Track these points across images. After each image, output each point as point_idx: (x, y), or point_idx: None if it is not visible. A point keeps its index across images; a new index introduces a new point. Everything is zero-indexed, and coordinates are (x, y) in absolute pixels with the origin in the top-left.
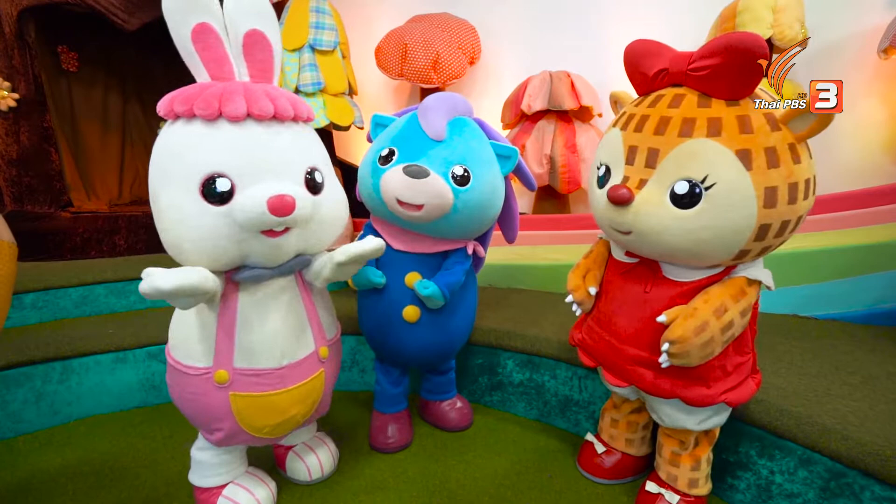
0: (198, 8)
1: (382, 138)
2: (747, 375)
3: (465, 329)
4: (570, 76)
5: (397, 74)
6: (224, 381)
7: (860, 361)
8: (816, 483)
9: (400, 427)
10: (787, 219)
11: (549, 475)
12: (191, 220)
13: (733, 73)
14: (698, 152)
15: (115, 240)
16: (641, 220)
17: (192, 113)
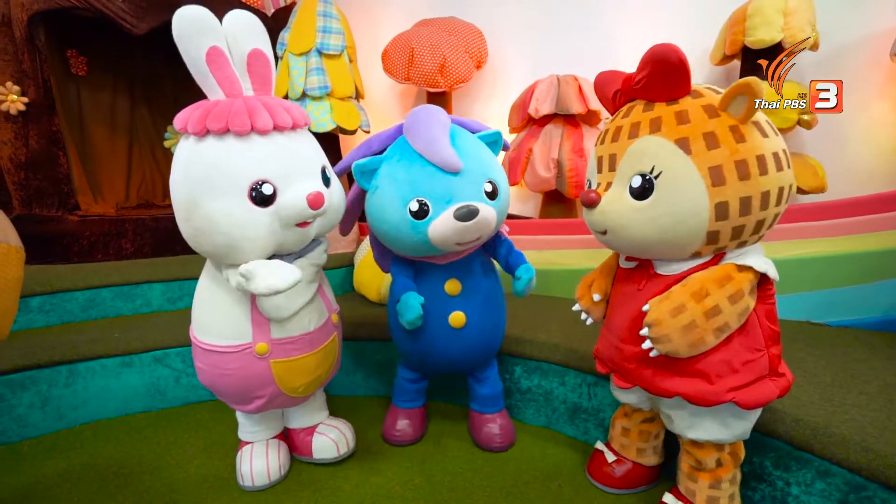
0: (208, 32)
1: (394, 188)
2: (763, 375)
3: (502, 322)
4: (577, 80)
5: (404, 78)
6: (264, 352)
7: (877, 370)
8: (835, 496)
9: (411, 423)
10: (746, 194)
11: (557, 484)
12: (244, 223)
13: (660, 78)
14: (645, 148)
15: (122, 243)
16: (609, 218)
17: (226, 129)
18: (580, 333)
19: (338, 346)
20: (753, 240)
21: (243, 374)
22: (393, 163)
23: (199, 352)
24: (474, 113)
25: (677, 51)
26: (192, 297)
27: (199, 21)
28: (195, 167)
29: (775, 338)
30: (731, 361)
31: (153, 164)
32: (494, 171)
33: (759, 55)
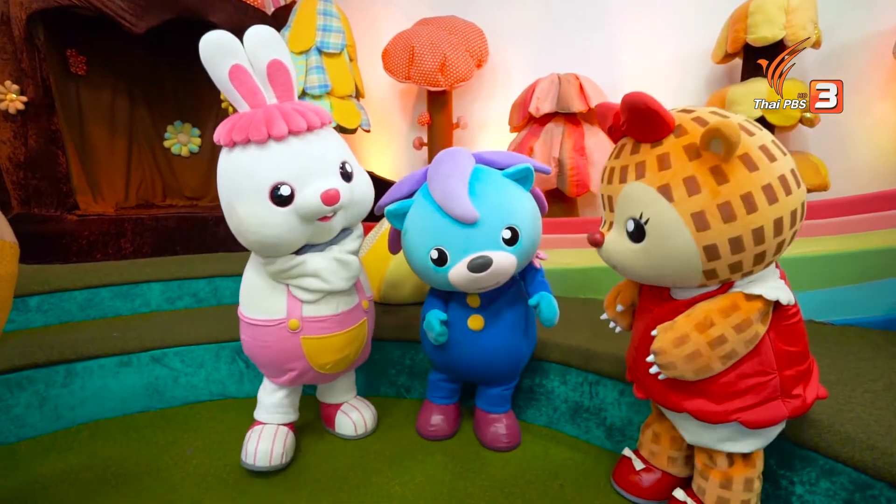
0: (229, 52)
1: (417, 235)
2: (773, 397)
3: (528, 339)
4: (578, 78)
5: (404, 77)
6: (296, 327)
7: (881, 369)
8: (840, 495)
9: (446, 418)
10: (734, 235)
11: (559, 484)
12: (268, 222)
13: (637, 124)
14: (632, 194)
15: (121, 243)
16: (612, 257)
17: (248, 139)
18: (581, 332)
19: (367, 331)
20: (759, 268)
21: (278, 346)
22: (417, 210)
23: (244, 325)
24: (475, 112)
25: (647, 99)
26: (191, 297)
27: (220, 44)
28: (227, 175)
29: (791, 359)
30: (736, 384)
31: (153, 164)
32: (515, 215)
33: (761, 53)
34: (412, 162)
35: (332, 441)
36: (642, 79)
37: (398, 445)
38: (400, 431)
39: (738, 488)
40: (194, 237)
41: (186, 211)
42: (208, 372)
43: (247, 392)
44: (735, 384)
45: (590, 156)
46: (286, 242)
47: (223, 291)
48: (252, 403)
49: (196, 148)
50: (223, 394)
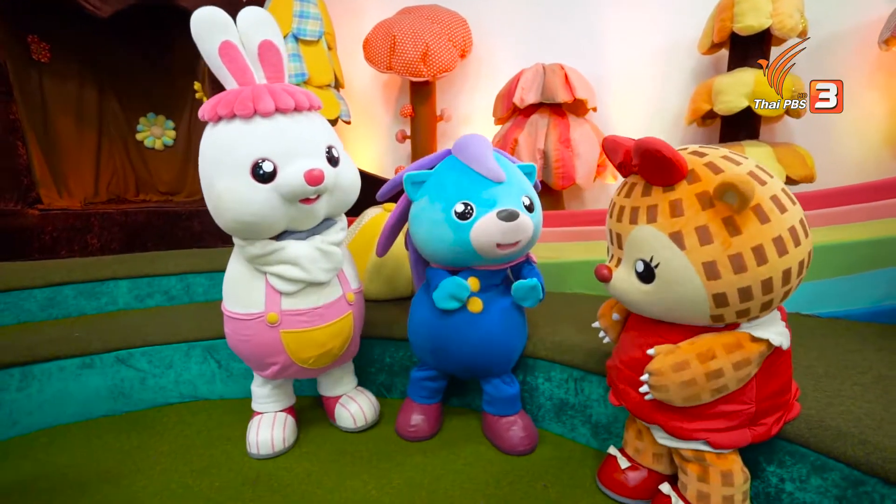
0: (220, 28)
1: (442, 195)
2: (743, 425)
3: (522, 330)
4: (563, 69)
5: (386, 67)
6: (275, 321)
7: (870, 361)
8: (832, 492)
9: (427, 418)
10: (744, 285)
11: (543, 484)
12: (247, 198)
13: (651, 169)
14: (643, 237)
15: (88, 239)
16: (619, 294)
17: (233, 114)
18: (565, 327)
19: (353, 325)
20: (765, 314)
21: (258, 340)
22: (442, 174)
23: (226, 319)
24: (459, 104)
25: (661, 146)
26: (161, 295)
27: (211, 20)
28: (209, 150)
29: (770, 393)
30: (713, 408)
31: (125, 157)
32: (530, 191)
33: (748, 42)
34: (395, 155)
35: (306, 444)
36: (628, 70)
37: (376, 447)
38: (378, 432)
39: (716, 482)
40: (166, 233)
41: (158, 205)
42: (178, 373)
43: (219, 393)
44: (711, 408)
45: (575, 148)
46: (265, 222)
47: (196, 289)
48: (224, 405)
49: (170, 141)
50: (194, 395)
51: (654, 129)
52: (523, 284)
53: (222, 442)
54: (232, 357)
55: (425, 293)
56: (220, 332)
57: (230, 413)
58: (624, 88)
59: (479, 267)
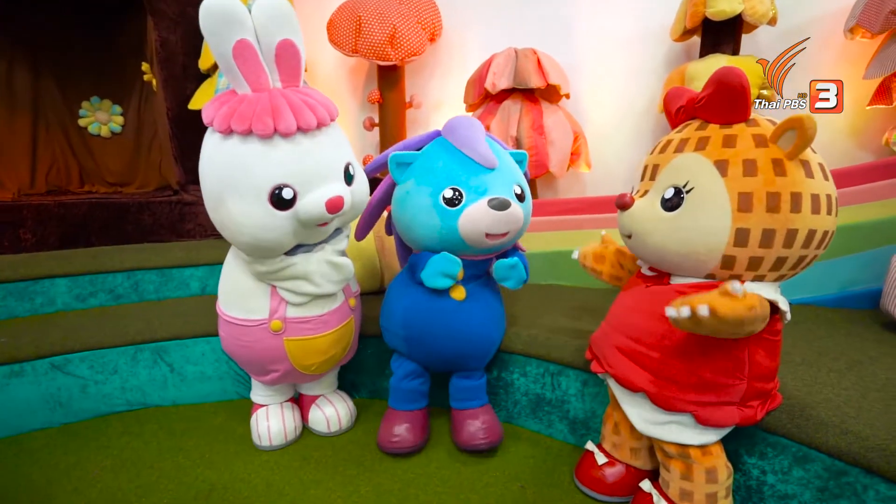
0: (235, 25)
1: (430, 178)
2: (731, 402)
3: (501, 322)
4: (536, 53)
5: (351, 50)
6: (279, 329)
7: (841, 346)
8: (814, 483)
9: (411, 427)
10: (769, 227)
11: (520, 485)
12: (264, 224)
13: (720, 100)
14: (684, 163)
15: (20, 234)
16: (636, 222)
17: (250, 131)
18: (542, 319)
19: (353, 330)
20: (772, 276)
21: (259, 347)
22: (430, 156)
23: (222, 322)
24: (429, 90)
25: (742, 76)
26: (106, 294)
27: (225, 14)
28: (219, 164)
29: (762, 373)
30: (705, 378)
31: (66, 145)
32: (522, 179)
33: (719, 29)
34: (363, 144)
35: (266, 451)
36: (600, 57)
37: (344, 452)
38: (345, 436)
39: (700, 479)
40: (112, 227)
41: (103, 197)
42: (124, 378)
43: (171, 399)
44: (703, 378)
45: (548, 135)
46: (281, 246)
47: (146, 286)
48: (178, 412)
49: (118, 128)
50: (143, 403)
51: (626, 115)
52: (504, 263)
53: (174, 453)
54: (187, 359)
55: (407, 277)
56: (173, 333)
57: (184, 421)
58: (595, 75)
59: (465, 256)
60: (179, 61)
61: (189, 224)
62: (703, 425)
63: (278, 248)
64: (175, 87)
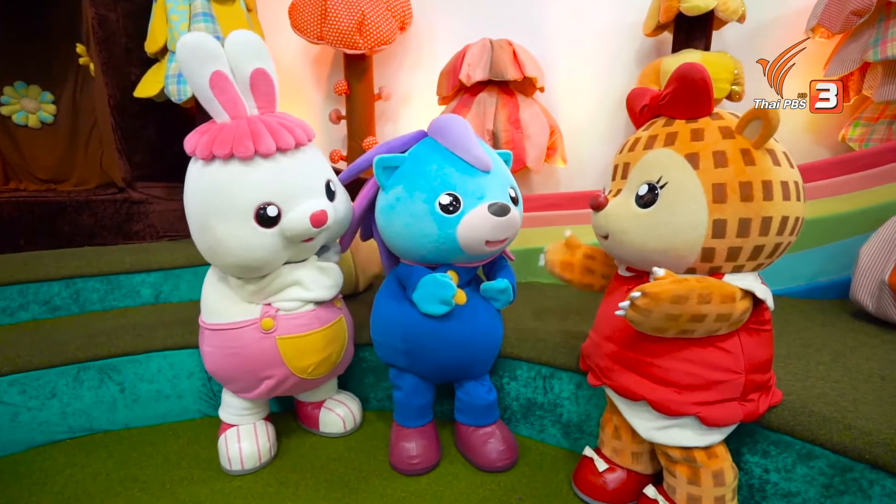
0: (210, 58)
1: (423, 184)
2: (733, 398)
3: (501, 322)
4: (511, 44)
5: (316, 37)
6: (270, 327)
7: (822, 337)
8: (818, 480)
9: (427, 444)
10: (745, 216)
11: (518, 497)
12: (252, 244)
13: (683, 96)
14: (655, 159)
15: None
16: (612, 222)
17: (231, 155)
18: (529, 320)
19: (346, 330)
20: (750, 266)
21: (250, 351)
22: (420, 159)
23: (208, 335)
24: (398, 82)
25: (703, 71)
26: (40, 306)
27: (200, 49)
28: (203, 190)
29: (757, 365)
30: (703, 376)
31: None
32: (514, 182)
33: (691, 25)
34: (328, 138)
35: (239, 478)
36: (574, 49)
37: (325, 471)
38: (324, 453)
39: (707, 483)
40: (45, 229)
41: (33, 196)
42: (64, 402)
43: (123, 422)
44: (701, 377)
45: (525, 129)
46: (269, 264)
47: (88, 295)
48: (130, 438)
49: (49, 117)
50: (89, 428)
51: (600, 110)
52: (492, 286)
53: (128, 485)
54: (140, 377)
55: (396, 288)
56: (123, 348)
57: (138, 447)
58: (568, 69)
59: (459, 263)
60: (121, 43)
61: (137, 225)
62: (709, 426)
63: (266, 267)
64: (116, 72)
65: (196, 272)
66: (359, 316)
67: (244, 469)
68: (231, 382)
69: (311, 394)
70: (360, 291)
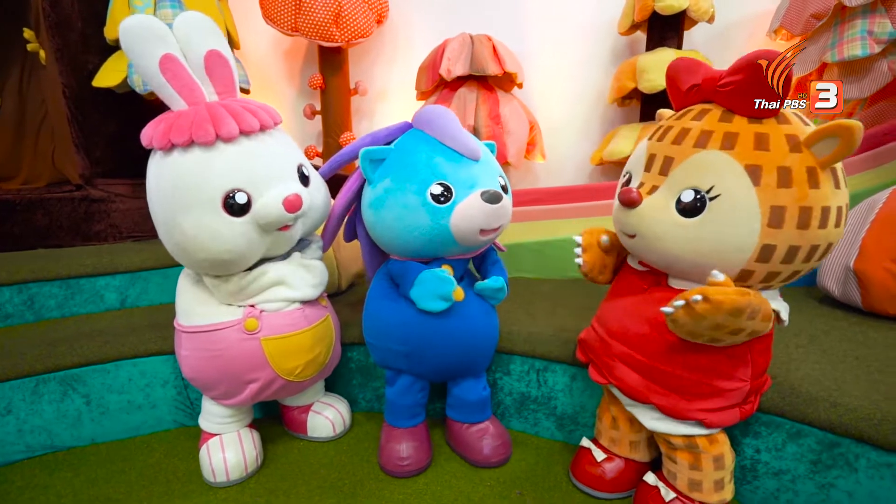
0: (155, 39)
1: (413, 175)
2: (735, 404)
3: (497, 323)
4: (491, 40)
5: (290, 29)
6: (254, 328)
7: (796, 322)
8: (807, 457)
9: (418, 445)
10: (795, 244)
11: (518, 492)
12: (223, 236)
13: (754, 90)
14: (708, 163)
15: None
16: (646, 224)
17: (191, 141)
18: (520, 315)
19: (333, 330)
20: (777, 286)
21: (233, 353)
22: (408, 149)
23: (185, 338)
24: (373, 77)
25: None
26: None
27: (146, 29)
28: (165, 183)
29: (761, 372)
30: (712, 385)
31: None
32: (502, 171)
33: (664, 24)
34: (302, 133)
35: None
36: (550, 45)
37: (315, 478)
38: (314, 459)
39: (708, 468)
40: None
41: None
42: (21, 419)
43: (89, 437)
44: (711, 386)
45: (506, 124)
46: (243, 257)
47: (45, 301)
48: (98, 454)
49: None
50: (49, 446)
51: (576, 106)
52: (488, 286)
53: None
54: (108, 388)
55: (388, 287)
56: (87, 357)
57: (109, 463)
58: (545, 65)
59: (451, 256)
60: (77, 28)
61: (98, 224)
62: (711, 428)
63: (242, 260)
64: (72, 61)
65: (166, 274)
66: (342, 316)
67: (230, 480)
68: (212, 388)
69: (298, 397)
70: (342, 291)
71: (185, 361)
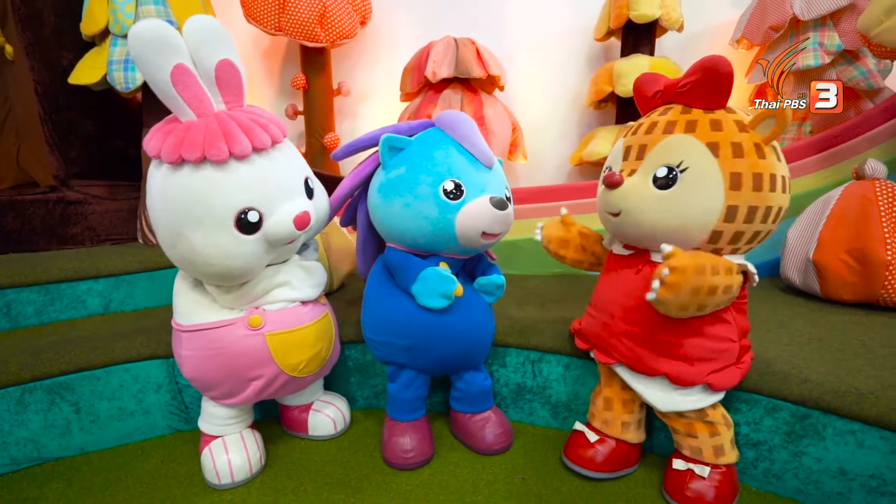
0: (169, 50)
1: (429, 167)
2: (731, 363)
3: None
4: (475, 43)
5: (273, 28)
6: (258, 324)
7: (764, 310)
8: (782, 429)
9: (421, 438)
10: (753, 204)
11: (521, 477)
12: (233, 253)
13: (706, 86)
14: (678, 143)
15: None
16: (629, 200)
17: (203, 158)
18: (514, 309)
19: (333, 326)
20: (744, 249)
21: (237, 349)
22: (430, 143)
23: (185, 338)
24: (356, 78)
25: (730, 65)
26: None
27: (158, 39)
28: (174, 198)
29: (744, 332)
30: (711, 348)
31: None
32: (507, 183)
33: (638, 32)
34: None
35: (230, 492)
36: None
37: (321, 475)
38: (318, 456)
39: (723, 429)
40: None
41: None
42: (6, 431)
43: (79, 447)
44: (709, 348)
45: (489, 126)
46: (251, 271)
47: (22, 308)
48: (91, 462)
49: None
50: (36, 458)
51: (556, 108)
52: (490, 281)
53: None
54: (99, 395)
55: (386, 280)
56: (77, 365)
57: (103, 471)
58: (525, 68)
59: (449, 255)
60: (49, 22)
61: (75, 227)
62: (718, 391)
63: (249, 273)
64: (44, 56)
65: (152, 277)
66: (337, 315)
67: (234, 482)
68: (214, 388)
69: (298, 396)
70: (333, 290)
71: (186, 362)
